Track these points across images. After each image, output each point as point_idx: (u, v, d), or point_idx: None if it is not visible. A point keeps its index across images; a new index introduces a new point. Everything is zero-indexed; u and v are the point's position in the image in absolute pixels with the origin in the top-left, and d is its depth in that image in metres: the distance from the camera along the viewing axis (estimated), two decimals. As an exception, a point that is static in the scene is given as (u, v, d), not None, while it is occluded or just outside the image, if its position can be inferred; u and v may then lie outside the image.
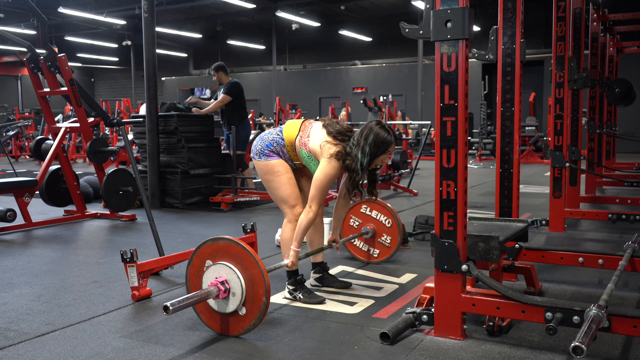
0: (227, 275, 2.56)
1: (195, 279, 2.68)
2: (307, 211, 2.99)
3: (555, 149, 4.94)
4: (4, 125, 16.25)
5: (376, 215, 3.86)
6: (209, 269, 2.61)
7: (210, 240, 2.64)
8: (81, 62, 26.58)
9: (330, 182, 3.01)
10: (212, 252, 2.62)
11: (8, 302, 3.17)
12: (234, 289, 2.54)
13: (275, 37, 21.27)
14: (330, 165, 2.97)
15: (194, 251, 2.70)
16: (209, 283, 2.58)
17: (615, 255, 3.12)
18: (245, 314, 2.56)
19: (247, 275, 2.53)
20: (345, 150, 2.97)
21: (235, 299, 2.54)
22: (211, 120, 7.15)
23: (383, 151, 2.98)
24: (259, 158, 3.16)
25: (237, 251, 2.55)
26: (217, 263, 2.59)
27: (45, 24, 5.79)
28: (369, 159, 2.97)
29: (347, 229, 3.97)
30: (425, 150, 12.03)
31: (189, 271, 2.70)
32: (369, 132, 2.96)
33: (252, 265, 2.52)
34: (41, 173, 5.59)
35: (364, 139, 2.96)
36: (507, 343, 2.52)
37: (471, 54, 2.92)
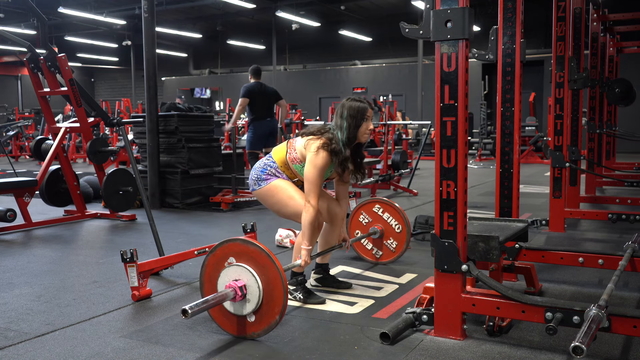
0: (247, 281, 2.54)
1: (212, 270, 2.65)
2: (307, 207, 2.98)
3: (555, 149, 4.94)
4: (4, 125, 16.25)
5: (387, 217, 3.84)
6: (230, 267, 2.58)
7: (241, 241, 2.60)
8: (81, 62, 26.58)
9: (322, 174, 3.00)
10: (240, 252, 2.58)
11: (8, 302, 3.17)
12: (250, 295, 2.53)
13: (275, 37, 21.27)
14: (319, 156, 2.98)
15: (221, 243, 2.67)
16: (228, 283, 2.56)
17: (615, 255, 3.12)
18: (253, 321, 2.55)
19: (267, 290, 2.51)
20: (329, 138, 3.02)
21: (249, 306, 2.53)
22: (211, 120, 7.16)
23: (361, 119, 3.03)
24: (258, 186, 3.16)
25: (266, 263, 2.52)
26: (241, 265, 2.56)
27: (45, 24, 5.79)
28: (350, 132, 3.01)
29: (355, 223, 3.94)
30: (425, 150, 12.04)
31: (209, 260, 2.68)
32: (342, 108, 3.06)
33: (277, 283, 2.49)
34: (41, 173, 5.59)
35: (339, 117, 3.04)
36: (507, 343, 2.52)
37: (471, 54, 2.92)
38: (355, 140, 3.06)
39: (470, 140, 14.45)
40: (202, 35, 23.50)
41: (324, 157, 2.99)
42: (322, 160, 2.99)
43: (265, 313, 2.52)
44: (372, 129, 3.10)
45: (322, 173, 3.01)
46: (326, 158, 3.00)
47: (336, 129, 3.04)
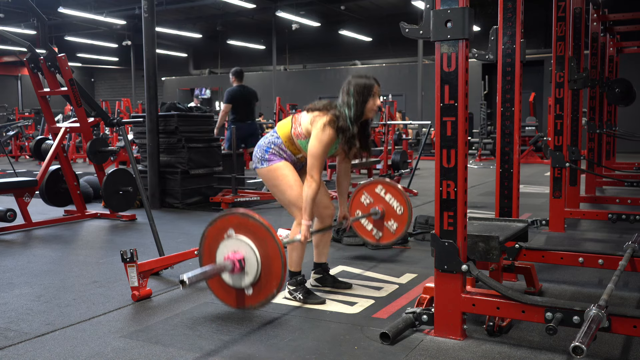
0: (246, 254, 2.53)
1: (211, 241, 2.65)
2: (309, 182, 2.96)
3: (555, 149, 4.94)
4: (4, 125, 16.25)
5: (389, 199, 3.77)
6: (229, 239, 2.58)
7: (240, 214, 2.59)
8: (81, 62, 26.58)
9: (326, 150, 2.99)
10: (240, 224, 2.57)
11: (8, 302, 3.17)
12: (248, 268, 2.52)
13: (275, 37, 21.27)
14: (325, 133, 2.97)
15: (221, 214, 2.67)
16: (226, 255, 2.55)
17: (615, 255, 3.12)
18: (250, 294, 2.55)
19: (266, 264, 2.51)
20: (335, 115, 2.99)
21: (247, 279, 2.53)
22: (211, 120, 7.16)
23: (368, 95, 3.01)
24: (262, 165, 3.13)
25: (265, 236, 2.51)
26: (241, 238, 2.54)
27: (45, 24, 5.79)
28: (357, 109, 3.00)
29: (357, 203, 3.88)
30: (425, 150, 12.04)
31: (209, 230, 2.67)
32: (348, 85, 3.03)
33: (275, 256, 2.48)
34: (41, 173, 5.59)
35: (346, 94, 3.02)
36: (507, 343, 2.52)
37: (471, 54, 2.92)
38: (362, 116, 3.04)
39: (470, 140, 14.45)
40: (202, 35, 23.50)
41: (330, 133, 2.97)
42: (328, 137, 2.97)
43: (263, 286, 2.52)
44: (379, 105, 3.08)
45: (327, 149, 2.99)
46: (332, 135, 2.98)
47: (343, 106, 3.02)
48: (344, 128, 2.98)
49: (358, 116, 3.01)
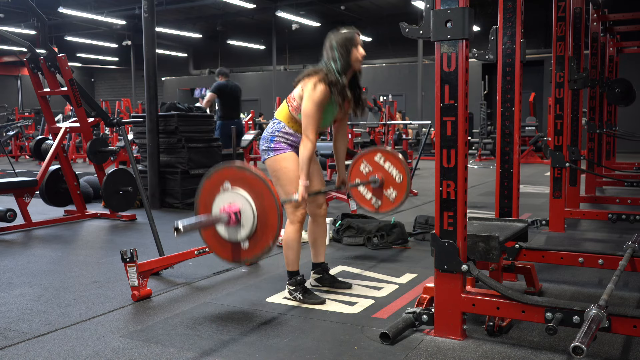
0: (242, 206, 2.52)
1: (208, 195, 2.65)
2: (305, 142, 2.97)
3: (555, 149, 4.94)
4: (4, 125, 16.25)
5: (388, 167, 3.74)
6: (225, 192, 2.57)
7: (237, 167, 2.59)
8: (81, 62, 26.58)
9: (319, 108, 2.98)
10: (236, 177, 2.56)
11: (8, 302, 3.17)
12: (244, 220, 2.52)
13: (275, 37, 21.27)
14: (316, 90, 2.98)
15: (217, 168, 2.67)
16: (222, 207, 2.55)
17: (615, 255, 3.12)
18: (246, 248, 2.54)
19: (262, 216, 2.50)
20: (324, 72, 3.02)
21: (243, 232, 2.53)
22: (211, 120, 7.16)
23: (351, 45, 3.04)
24: (268, 155, 3.12)
25: (262, 190, 2.51)
26: (237, 191, 2.54)
27: (45, 24, 5.79)
28: (343, 62, 3.01)
29: (356, 172, 3.84)
30: (425, 150, 12.04)
31: (205, 183, 2.68)
32: (329, 41, 3.09)
33: (271, 208, 2.48)
34: (41, 173, 5.59)
35: (329, 49, 3.07)
36: (507, 343, 2.52)
37: (471, 54, 2.92)
38: (349, 67, 3.05)
39: (470, 140, 14.45)
40: (202, 35, 23.50)
41: (321, 90, 2.98)
42: (320, 94, 2.98)
43: (259, 238, 2.51)
44: (364, 54, 3.10)
45: (320, 107, 2.99)
46: (324, 90, 2.98)
47: (329, 62, 3.05)
48: (333, 81, 3.00)
49: (345, 68, 3.03)
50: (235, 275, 3.72)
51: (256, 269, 3.86)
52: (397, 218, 4.97)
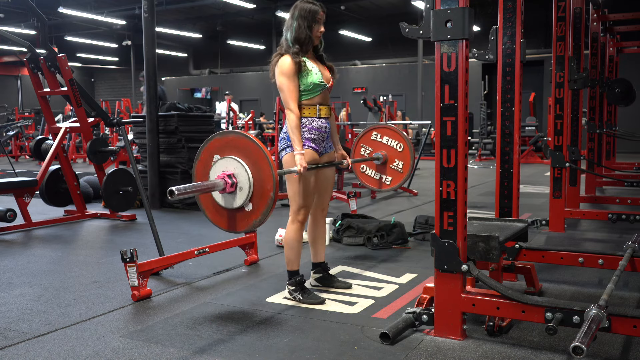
0: (234, 169, 2.53)
1: (202, 176, 2.66)
2: (288, 114, 3.02)
3: (555, 149, 4.94)
4: (4, 125, 16.25)
5: (387, 141, 3.75)
6: (216, 164, 2.58)
7: (218, 135, 2.60)
8: (81, 62, 26.57)
9: (291, 79, 3.01)
10: (221, 145, 2.58)
11: (8, 302, 3.17)
12: (241, 183, 2.52)
13: (275, 37, 21.24)
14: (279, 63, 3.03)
15: (202, 145, 2.69)
16: (216, 176, 2.56)
17: (615, 255, 3.12)
18: (251, 209, 2.54)
19: (255, 170, 2.51)
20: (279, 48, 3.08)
21: (243, 194, 2.53)
22: (211, 120, 7.16)
23: (312, 20, 3.06)
24: (285, 152, 3.11)
25: (246, 144, 2.52)
26: (225, 157, 2.55)
27: (45, 24, 5.79)
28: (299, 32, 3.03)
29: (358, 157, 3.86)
30: (425, 150, 12.04)
31: (197, 167, 2.69)
32: (294, 9, 3.10)
33: (261, 160, 2.49)
34: (41, 173, 5.59)
35: (290, 17, 3.09)
36: (507, 343, 2.52)
37: (471, 54, 2.92)
38: (308, 41, 3.06)
39: (470, 140, 14.45)
40: (202, 35, 23.49)
41: (283, 62, 3.02)
42: (284, 66, 3.02)
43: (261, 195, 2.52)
44: (322, 31, 3.12)
45: (289, 76, 3.02)
46: (285, 61, 3.02)
47: (286, 31, 3.09)
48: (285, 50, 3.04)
49: (301, 39, 3.04)
50: (235, 275, 3.72)
51: (256, 269, 3.86)
52: (397, 218, 4.97)
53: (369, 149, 3.81)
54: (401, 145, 3.73)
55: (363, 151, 3.82)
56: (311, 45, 3.10)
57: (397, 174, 3.81)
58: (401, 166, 3.78)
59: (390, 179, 3.83)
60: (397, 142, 3.74)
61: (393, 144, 3.75)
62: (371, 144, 3.80)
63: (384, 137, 3.77)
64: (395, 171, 3.80)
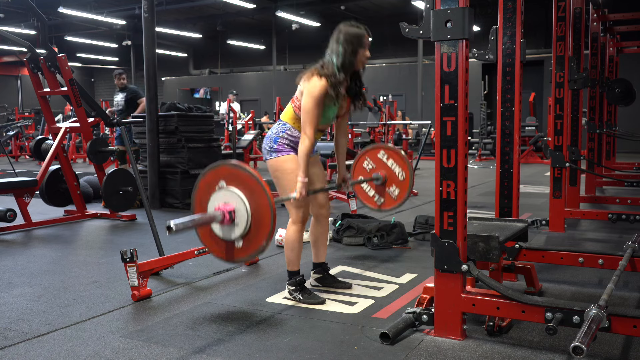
0: (236, 205, 2.52)
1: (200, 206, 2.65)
2: (302, 138, 2.95)
3: (555, 149, 4.94)
4: (4, 125, 16.26)
5: (391, 164, 3.71)
6: (220, 190, 2.57)
7: (231, 165, 2.58)
8: (81, 62, 26.57)
9: (318, 103, 2.94)
10: (230, 175, 2.56)
11: (8, 302, 3.17)
12: (238, 219, 2.52)
13: (275, 37, 21.26)
14: (312, 84, 2.94)
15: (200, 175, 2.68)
16: (217, 206, 2.56)
17: (615, 255, 3.12)
18: (240, 247, 2.55)
19: (256, 215, 2.50)
20: (322, 64, 2.98)
21: (237, 230, 2.53)
22: (211, 120, 7.16)
23: (358, 45, 2.97)
24: (270, 156, 3.12)
25: (245, 177, 2.50)
26: (225, 188, 2.54)
27: (45, 24, 5.79)
28: (345, 58, 2.95)
29: (359, 169, 3.83)
30: (425, 150, 12.03)
31: (195, 197, 2.68)
32: (338, 33, 3.00)
33: (265, 208, 2.47)
34: (41, 173, 5.59)
35: (335, 42, 2.99)
36: (507, 343, 2.52)
37: (471, 54, 2.92)
38: (352, 67, 3.00)
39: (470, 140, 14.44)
40: (202, 35, 23.48)
41: (317, 84, 2.93)
42: (317, 89, 2.93)
43: (253, 238, 2.51)
44: (368, 56, 3.05)
45: (319, 103, 2.95)
46: (321, 85, 2.93)
47: (331, 54, 2.99)
48: (329, 74, 2.95)
49: (346, 65, 2.97)
50: (235, 275, 3.72)
51: (256, 268, 3.86)
52: (397, 218, 4.97)
53: (372, 164, 3.79)
54: (403, 174, 3.72)
55: (366, 164, 3.82)
56: (352, 70, 3.03)
57: (390, 199, 3.79)
58: (396, 194, 3.76)
59: (383, 201, 3.82)
60: (400, 170, 3.72)
61: (396, 170, 3.73)
62: (376, 161, 3.78)
63: (389, 160, 3.75)
64: (390, 196, 3.80)
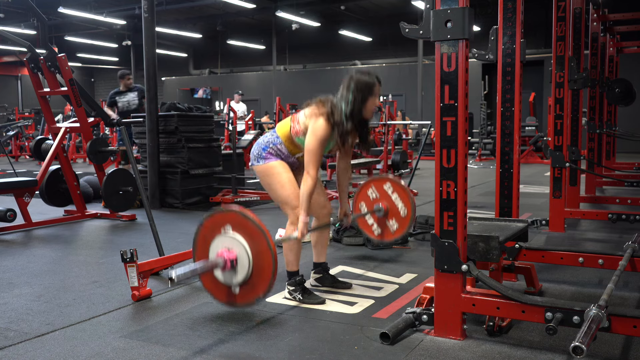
0: (239, 254, 2.52)
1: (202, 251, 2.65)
2: (305, 178, 2.96)
3: (555, 149, 4.94)
4: (4, 125, 16.25)
5: (395, 198, 3.71)
6: (226, 234, 2.56)
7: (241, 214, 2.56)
8: (81, 62, 26.57)
9: (322, 144, 2.96)
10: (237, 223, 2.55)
11: (8, 302, 3.17)
12: (239, 267, 2.52)
13: (275, 37, 21.26)
14: (318, 124, 2.96)
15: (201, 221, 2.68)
16: (220, 251, 2.55)
17: (615, 255, 3.12)
18: (237, 293, 2.55)
19: (257, 268, 2.50)
20: (331, 108, 2.98)
21: (236, 278, 2.53)
22: (211, 120, 7.16)
23: (368, 94, 2.99)
24: (257, 162, 3.15)
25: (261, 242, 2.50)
26: (237, 237, 2.53)
27: (45, 24, 5.79)
28: (354, 106, 2.96)
29: (363, 195, 3.84)
30: (425, 150, 12.03)
31: (197, 242, 2.68)
32: (350, 81, 3.01)
33: (267, 263, 2.48)
34: (41, 173, 5.59)
35: (346, 89, 3.00)
36: (507, 343, 2.52)
37: (471, 54, 2.92)
38: (360, 115, 3.02)
39: (470, 140, 14.44)
40: (202, 35, 23.48)
41: (324, 127, 2.95)
42: (322, 131, 2.95)
43: (251, 288, 2.52)
44: (378, 105, 3.06)
45: (322, 143, 2.97)
46: (327, 129, 2.96)
47: (341, 100, 3.00)
48: (337, 122, 2.97)
49: (354, 113, 2.99)
50: (235, 275, 3.71)
51: (256, 269, 3.86)
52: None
53: (376, 194, 3.80)
54: (405, 211, 3.72)
55: (370, 192, 3.82)
56: (360, 118, 3.04)
57: (388, 232, 3.80)
58: (395, 228, 3.76)
59: (380, 231, 3.84)
60: (403, 206, 3.72)
61: (399, 205, 3.73)
62: (380, 192, 3.77)
63: (394, 193, 3.75)
64: (388, 229, 3.80)
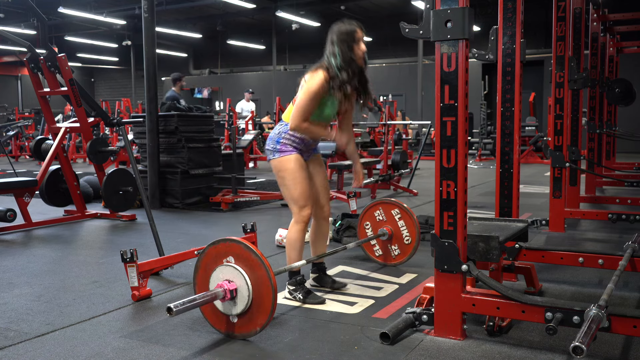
0: (239, 286, 2.52)
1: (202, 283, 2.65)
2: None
3: (555, 149, 4.94)
4: (4, 125, 16.25)
5: (401, 225, 3.77)
6: (227, 265, 2.56)
7: (244, 246, 2.55)
8: (81, 62, 26.58)
9: (313, 100, 2.97)
10: (241, 255, 2.55)
11: (8, 302, 3.17)
12: (239, 299, 2.53)
13: (275, 37, 21.26)
14: (315, 78, 2.97)
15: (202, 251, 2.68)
16: (220, 282, 2.56)
17: (615, 255, 3.12)
18: (235, 323, 2.56)
19: (257, 301, 2.50)
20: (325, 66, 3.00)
21: (235, 308, 2.54)
22: (211, 120, 7.16)
23: (352, 41, 3.00)
24: (273, 156, 3.13)
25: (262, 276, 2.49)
26: (238, 269, 2.54)
27: (45, 24, 5.80)
28: (342, 58, 2.98)
29: (369, 216, 3.87)
30: (425, 150, 12.03)
31: (197, 274, 2.68)
32: (331, 34, 3.05)
33: (267, 297, 2.48)
34: (41, 173, 5.59)
35: (330, 44, 3.03)
36: (507, 343, 2.52)
37: (471, 54, 2.92)
38: (352, 63, 3.02)
39: (470, 140, 14.44)
40: (202, 35, 23.49)
41: (319, 79, 2.96)
42: (316, 85, 2.96)
43: (249, 321, 2.52)
44: (364, 50, 3.06)
45: (314, 99, 2.98)
46: (321, 81, 2.96)
47: (330, 57, 3.02)
48: (332, 76, 2.98)
49: (346, 63, 2.99)
50: (235, 275, 3.71)
51: (256, 269, 3.86)
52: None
53: (383, 217, 3.83)
54: (410, 239, 3.75)
55: (377, 214, 3.85)
56: (354, 66, 3.04)
57: (389, 255, 3.86)
58: (397, 253, 3.82)
59: (381, 254, 3.90)
60: (408, 234, 3.75)
61: (404, 232, 3.76)
62: (387, 215, 3.81)
63: (401, 220, 3.79)
64: (390, 253, 3.85)
